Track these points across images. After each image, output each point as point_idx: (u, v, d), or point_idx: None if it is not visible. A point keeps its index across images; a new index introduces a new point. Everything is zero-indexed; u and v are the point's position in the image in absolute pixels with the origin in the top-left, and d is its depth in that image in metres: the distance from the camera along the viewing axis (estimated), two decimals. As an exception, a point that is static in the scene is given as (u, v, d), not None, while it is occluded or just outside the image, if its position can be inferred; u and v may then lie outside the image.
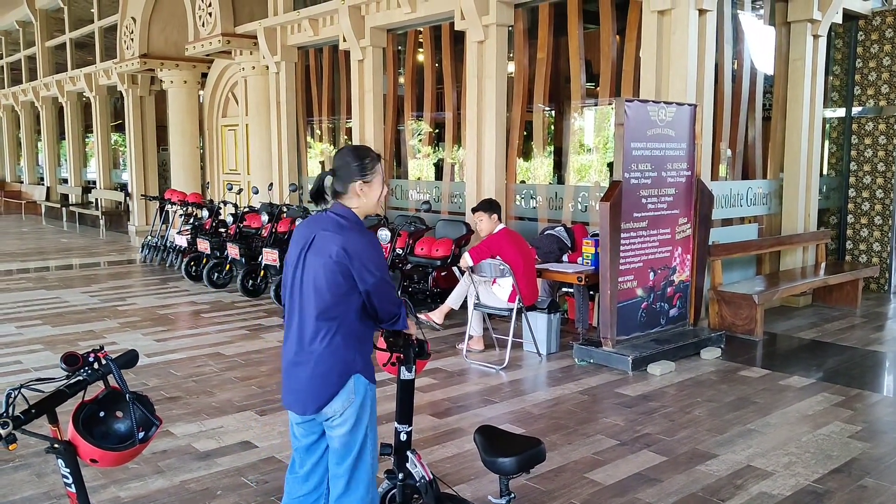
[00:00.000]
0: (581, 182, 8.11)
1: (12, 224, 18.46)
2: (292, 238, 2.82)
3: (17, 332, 7.15)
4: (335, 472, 2.76)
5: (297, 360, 2.69)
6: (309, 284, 2.66)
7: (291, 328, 2.73)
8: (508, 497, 2.78)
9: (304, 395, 2.67)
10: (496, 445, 2.79)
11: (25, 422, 2.12)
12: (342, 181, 2.72)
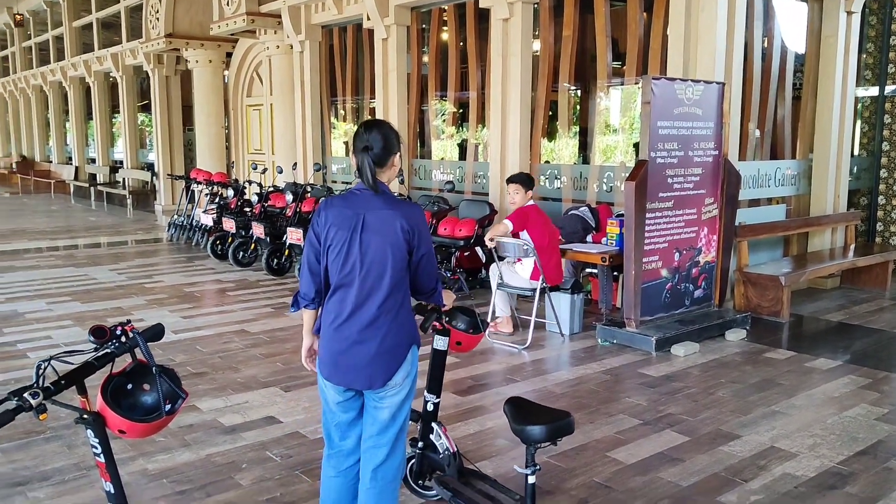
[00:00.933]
0: (606, 162, 8.04)
1: (42, 203, 18.73)
2: (329, 220, 2.70)
3: (48, 307, 7.28)
4: (377, 442, 2.79)
5: (361, 337, 2.68)
6: (376, 263, 2.66)
7: (347, 308, 2.69)
8: (534, 468, 2.80)
9: (371, 370, 2.69)
10: (526, 415, 2.82)
11: (55, 392, 2.17)
12: (387, 153, 2.73)
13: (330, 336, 2.74)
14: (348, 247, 2.67)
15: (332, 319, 2.73)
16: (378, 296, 2.69)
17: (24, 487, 3.60)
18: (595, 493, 3.56)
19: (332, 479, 2.88)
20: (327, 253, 2.71)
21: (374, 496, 2.80)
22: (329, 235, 2.70)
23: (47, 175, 22.06)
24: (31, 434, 4.20)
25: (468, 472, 3.35)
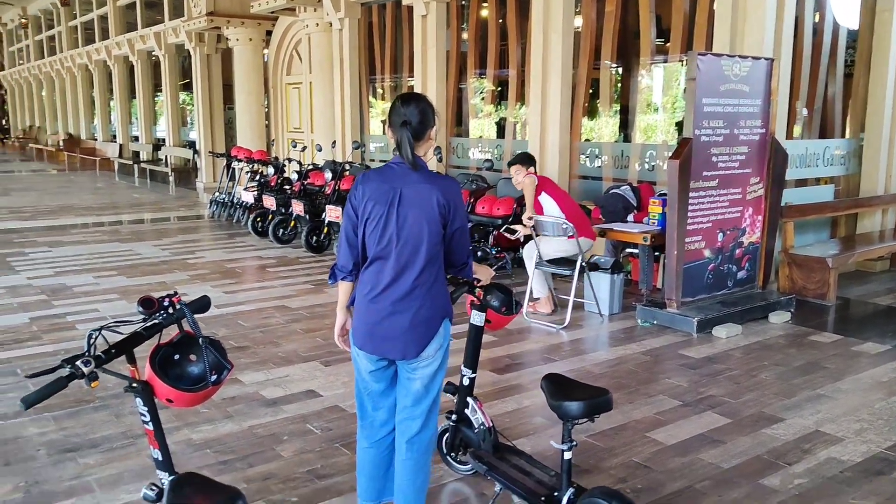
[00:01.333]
0: (648, 141, 7.92)
1: (87, 180, 19.11)
2: (366, 194, 2.71)
3: (94, 281, 7.45)
4: (411, 413, 2.83)
5: (396, 309, 2.71)
6: (412, 237, 2.69)
7: (384, 281, 2.72)
8: (570, 444, 2.80)
9: (404, 340, 2.72)
10: (563, 391, 2.82)
11: (106, 361, 2.21)
12: (425, 127, 2.73)
13: (365, 307, 2.76)
14: (385, 220, 2.69)
15: (368, 291, 2.75)
16: (414, 268, 2.71)
17: (74, 454, 3.70)
18: (634, 472, 3.54)
19: (365, 449, 2.92)
20: (365, 226, 2.72)
21: (410, 467, 2.84)
22: (367, 209, 2.71)
23: (92, 152, 22.48)
24: (80, 403, 4.31)
25: (503, 447, 3.36)
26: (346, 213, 2.78)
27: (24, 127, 32.30)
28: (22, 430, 3.97)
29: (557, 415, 2.78)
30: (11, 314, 6.23)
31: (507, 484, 3.09)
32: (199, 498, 1.94)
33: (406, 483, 2.85)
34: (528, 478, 3.10)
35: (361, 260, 2.78)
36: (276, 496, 3.30)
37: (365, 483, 2.94)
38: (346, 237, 2.77)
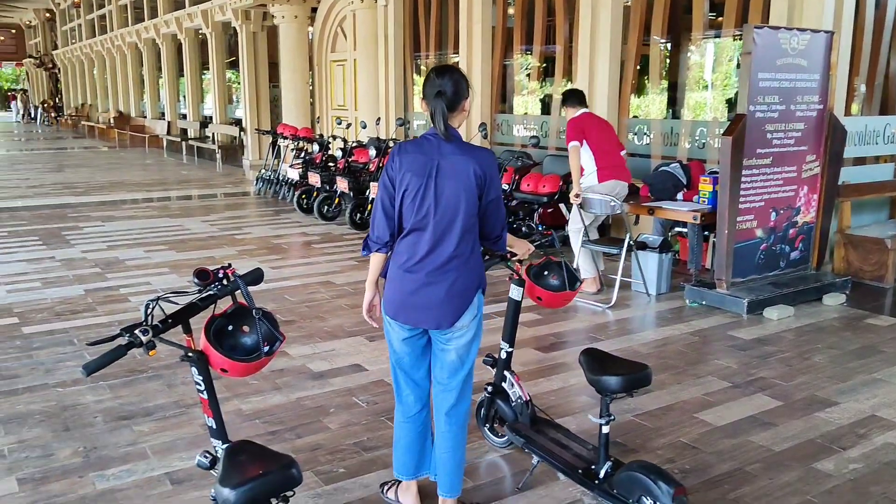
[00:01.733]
0: (698, 118, 7.75)
1: (137, 156, 19.49)
2: (403, 166, 2.72)
3: (146, 255, 7.61)
4: (447, 385, 2.85)
5: (432, 279, 2.72)
6: (450, 208, 2.69)
7: (421, 251, 2.73)
8: (608, 418, 2.82)
9: (439, 310, 2.73)
10: (602, 365, 2.84)
11: (163, 330, 2.25)
12: (459, 98, 2.73)
13: (400, 277, 2.77)
14: (423, 191, 2.69)
15: (405, 261, 2.76)
16: (451, 240, 2.72)
17: (129, 421, 3.80)
18: (682, 453, 3.50)
19: (401, 424, 2.95)
20: (402, 197, 2.73)
21: (449, 439, 2.87)
22: (404, 180, 2.71)
23: (142, 130, 22.91)
24: (134, 372, 4.42)
25: (541, 420, 3.37)
26: (381, 184, 2.78)
27: (77, 105, 33.03)
28: (80, 398, 4.09)
29: (596, 389, 2.81)
30: (67, 286, 6.41)
31: (544, 457, 3.11)
32: (255, 465, 1.97)
33: (447, 455, 2.88)
34: (565, 451, 3.12)
35: (397, 231, 2.78)
36: (324, 466, 3.35)
37: (401, 457, 2.97)
38: (383, 209, 2.77)
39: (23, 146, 23.76)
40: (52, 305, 5.84)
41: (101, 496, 3.11)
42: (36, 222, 9.57)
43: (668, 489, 2.57)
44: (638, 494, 2.68)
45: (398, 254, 2.79)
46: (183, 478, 3.24)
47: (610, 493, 2.81)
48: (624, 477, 2.74)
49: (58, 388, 4.22)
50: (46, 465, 3.37)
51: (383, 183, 2.77)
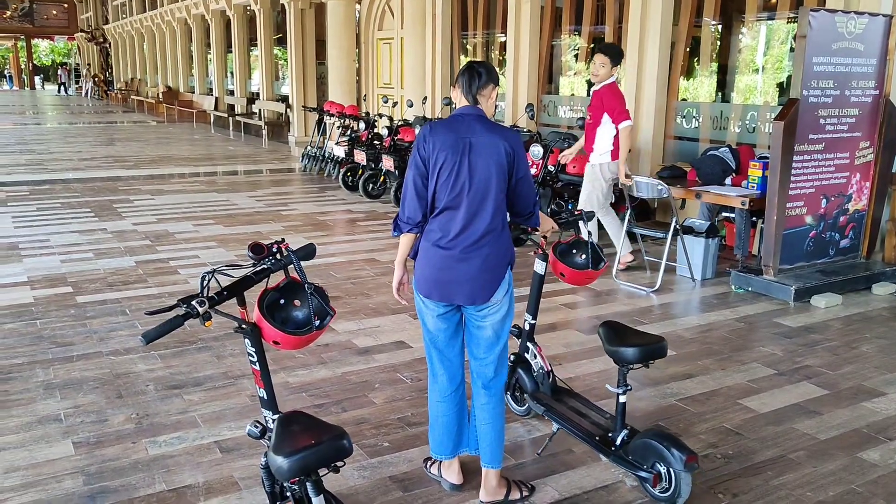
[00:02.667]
0: (749, 101, 7.60)
1: (185, 131, 19.81)
2: (437, 145, 2.75)
3: (194, 229, 7.78)
4: (485, 360, 2.92)
5: (466, 256, 2.77)
6: (482, 186, 2.75)
7: (454, 229, 2.77)
8: (625, 388, 2.96)
9: (474, 285, 2.79)
10: (619, 337, 2.97)
11: (218, 302, 2.32)
12: (490, 79, 2.85)
13: (434, 254, 2.81)
14: (458, 169, 2.74)
15: (438, 239, 2.80)
16: (484, 217, 2.78)
17: (180, 390, 3.92)
18: (725, 438, 3.49)
19: (438, 403, 2.98)
20: (438, 175, 2.76)
21: (490, 410, 2.94)
22: (438, 159, 2.75)
23: (190, 105, 23.26)
24: (184, 343, 4.55)
25: (561, 390, 3.50)
26: (413, 164, 2.82)
27: (127, 79, 33.64)
28: (132, 366, 4.23)
29: (613, 360, 2.95)
30: (119, 257, 6.59)
31: (563, 424, 3.23)
32: (306, 435, 2.03)
33: (487, 427, 2.94)
34: (584, 419, 3.26)
35: (429, 210, 2.81)
36: (369, 440, 3.42)
37: (439, 438, 3.00)
38: (415, 188, 2.80)
39: (75, 119, 24.31)
40: (105, 276, 6.01)
41: (154, 461, 3.22)
42: (88, 194, 9.84)
43: (680, 456, 2.72)
44: (652, 461, 2.84)
45: (431, 232, 2.83)
46: (232, 446, 3.34)
47: (625, 459, 2.95)
48: (639, 444, 2.90)
49: (111, 357, 4.36)
50: (101, 430, 3.50)
51: (415, 163, 2.81)
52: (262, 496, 2.81)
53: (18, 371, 4.14)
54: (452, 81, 2.98)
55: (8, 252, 6.71)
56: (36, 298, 5.41)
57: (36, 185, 10.49)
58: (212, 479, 3.08)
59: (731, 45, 8.39)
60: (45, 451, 3.29)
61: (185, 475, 3.11)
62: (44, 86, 52.92)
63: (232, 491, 3.00)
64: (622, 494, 3.01)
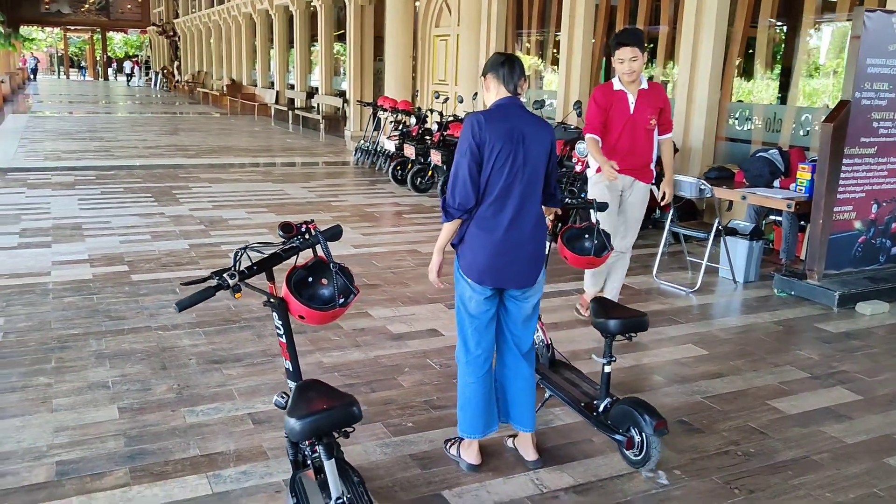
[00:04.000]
0: (804, 104, 7.45)
1: (246, 123, 20.32)
2: (491, 134, 2.83)
3: (247, 216, 8.03)
4: (523, 336, 3.11)
5: (517, 242, 2.92)
6: (533, 173, 2.91)
7: (507, 217, 2.88)
8: (610, 359, 3.25)
9: (526, 270, 2.97)
10: (606, 311, 3.23)
11: (248, 276, 2.46)
12: (523, 72, 2.99)
13: (486, 242, 2.90)
14: (513, 157, 2.85)
15: (491, 226, 2.89)
16: (533, 203, 2.94)
17: (220, 365, 4.10)
18: (748, 437, 3.48)
19: (471, 385, 3.07)
20: (493, 163, 2.85)
21: (529, 376, 3.17)
22: (495, 148, 2.84)
23: (252, 98, 23.82)
24: (228, 322, 4.74)
25: (559, 363, 3.81)
26: (466, 152, 2.87)
27: (194, 72, 34.60)
28: (178, 341, 4.44)
29: (599, 331, 3.22)
30: (174, 240, 6.87)
31: (554, 391, 3.54)
32: (320, 401, 2.14)
33: (526, 394, 3.13)
34: (574, 388, 3.55)
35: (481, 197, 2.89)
36: (393, 419, 3.53)
37: (472, 418, 3.09)
38: (470, 176, 2.86)
39: (143, 109, 25.16)
40: (159, 257, 6.28)
41: (190, 429, 3.40)
42: (150, 180, 10.23)
43: (651, 421, 3.00)
44: (627, 425, 3.12)
45: (483, 219, 2.90)
46: (263, 419, 3.50)
47: (605, 424, 3.24)
48: (616, 411, 3.20)
49: (159, 331, 4.58)
50: (144, 397, 3.70)
51: (469, 150, 2.86)
52: (287, 465, 2.94)
53: (74, 341, 4.39)
54: (482, 72, 3.03)
55: (72, 232, 7.06)
56: (94, 275, 5.70)
57: (102, 171, 10.94)
58: (242, 448, 3.24)
59: (787, 46, 8.24)
60: (92, 414, 3.50)
61: (217, 443, 3.28)
62: (116, 77, 54.82)
63: (260, 459, 3.15)
64: (636, 484, 3.05)
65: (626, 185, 4.82)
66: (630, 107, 4.66)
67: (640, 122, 4.69)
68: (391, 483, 3.01)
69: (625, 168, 4.67)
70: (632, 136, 4.69)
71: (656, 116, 4.74)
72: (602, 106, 4.68)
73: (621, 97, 4.69)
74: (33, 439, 3.26)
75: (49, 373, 3.94)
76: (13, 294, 5.19)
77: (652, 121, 4.72)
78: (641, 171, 4.80)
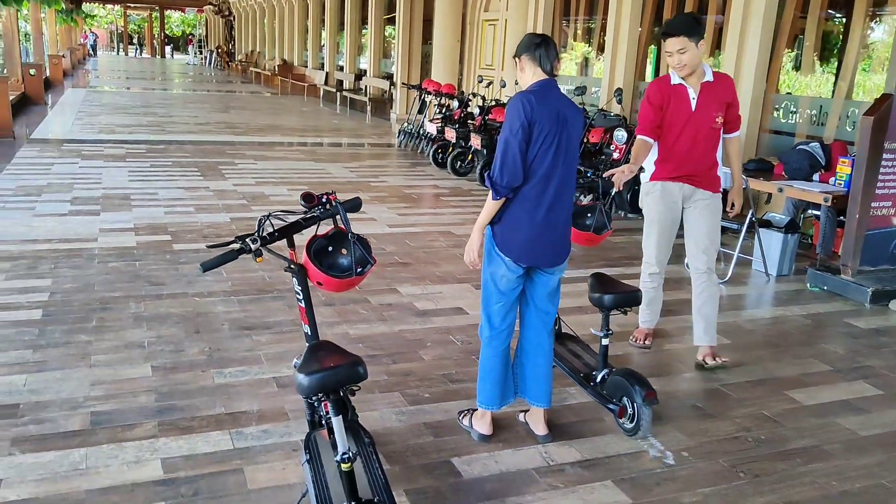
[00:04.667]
0: (851, 97, 7.31)
1: (296, 103, 20.61)
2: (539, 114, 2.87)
3: (288, 193, 8.22)
4: (548, 308, 3.21)
5: (557, 221, 3.02)
6: (572, 154, 3.01)
7: (549, 197, 2.95)
8: (607, 332, 3.46)
9: (561, 248, 3.09)
10: (603, 286, 3.43)
11: (270, 241, 2.59)
12: (557, 53, 3.03)
13: (528, 221, 2.96)
14: (557, 140, 2.92)
15: (534, 207, 2.95)
16: (571, 183, 3.04)
17: (250, 332, 4.27)
18: (760, 424, 3.51)
19: (493, 358, 3.16)
20: (540, 144, 2.90)
21: (549, 352, 3.25)
22: (543, 128, 2.89)
23: (302, 79, 24.13)
24: (261, 292, 4.91)
25: (565, 335, 3.97)
26: (517, 130, 2.88)
27: (247, 51, 35.15)
28: (212, 308, 4.62)
29: (597, 306, 3.43)
30: (216, 213, 7.09)
31: (557, 362, 3.59)
32: (329, 359, 2.26)
33: (545, 369, 3.23)
34: (576, 359, 3.72)
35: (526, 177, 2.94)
36: (412, 390, 3.65)
37: (491, 390, 3.18)
38: (520, 153, 2.88)
39: (196, 87, 25.70)
40: (201, 228, 6.50)
41: (218, 389, 3.56)
42: (198, 155, 10.51)
43: (641, 391, 3.19)
44: (620, 395, 3.31)
45: (526, 199, 2.95)
46: (287, 383, 3.64)
47: (600, 393, 3.44)
48: (611, 381, 3.39)
49: (195, 298, 4.77)
50: (176, 358, 3.88)
51: (521, 127, 2.87)
52: (305, 425, 3.07)
53: (115, 303, 4.61)
54: (515, 53, 3.07)
55: (121, 201, 7.34)
56: (138, 243, 5.94)
57: (153, 145, 11.28)
58: (265, 409, 3.39)
59: (838, 39, 8.07)
60: (127, 371, 3.69)
61: (242, 403, 3.44)
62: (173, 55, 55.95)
63: (281, 420, 3.30)
64: (642, 462, 3.12)
65: (685, 196, 4.09)
66: (692, 103, 3.95)
67: (704, 121, 3.96)
68: (403, 448, 3.12)
69: (682, 174, 4.02)
70: (693, 136, 3.97)
71: (723, 113, 4.01)
72: (656, 104, 3.99)
73: (680, 92, 3.97)
74: (71, 391, 3.46)
75: (90, 331, 4.15)
76: (61, 258, 5.45)
77: (718, 119, 3.99)
78: (703, 178, 4.04)
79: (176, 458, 2.97)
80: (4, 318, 4.29)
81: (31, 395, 3.40)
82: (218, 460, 2.97)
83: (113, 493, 2.73)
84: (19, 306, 4.47)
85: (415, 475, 2.93)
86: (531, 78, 3.00)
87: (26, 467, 2.86)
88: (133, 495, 2.73)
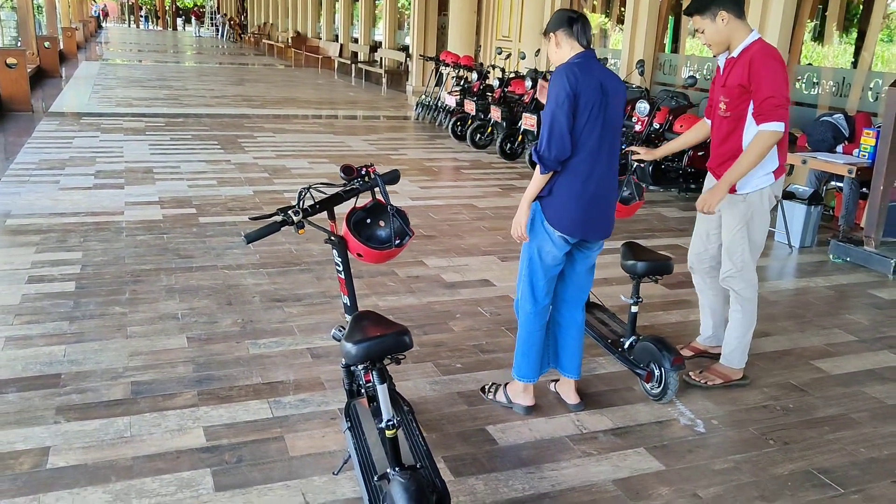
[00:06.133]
0: (875, 68, 7.24)
1: (310, 76, 20.56)
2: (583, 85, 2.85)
3: (309, 166, 8.26)
4: (587, 281, 3.26)
5: (605, 194, 3.04)
6: (617, 126, 3.02)
7: (597, 169, 2.96)
8: (637, 299, 3.52)
9: (608, 222, 3.11)
10: (634, 254, 3.48)
11: (311, 214, 2.63)
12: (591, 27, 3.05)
13: (579, 194, 2.96)
14: (602, 111, 2.93)
15: (584, 179, 2.96)
16: (615, 155, 3.05)
17: (281, 304, 4.34)
18: (788, 393, 3.55)
19: (536, 332, 3.20)
20: (587, 116, 2.89)
21: (582, 326, 3.32)
22: (589, 100, 2.89)
23: (316, 51, 24.04)
24: (289, 265, 4.98)
25: (592, 304, 4.01)
26: (563, 102, 2.85)
27: (260, 24, 34.98)
28: (242, 280, 4.69)
29: (628, 273, 3.48)
30: (239, 187, 7.14)
31: (586, 329, 3.58)
32: (375, 328, 2.31)
33: (577, 343, 3.29)
34: (604, 327, 3.82)
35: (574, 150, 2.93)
36: (443, 360, 3.71)
37: (533, 363, 3.22)
38: (568, 125, 2.87)
39: (210, 60, 25.65)
40: (226, 202, 6.56)
41: (253, 359, 3.64)
42: (216, 129, 10.55)
43: (669, 356, 3.24)
44: (648, 360, 3.37)
45: (576, 173, 2.94)
46: (321, 353, 3.72)
47: (627, 359, 3.50)
48: (639, 347, 3.45)
49: (225, 270, 4.84)
50: (211, 329, 3.95)
51: (568, 100, 2.85)
52: (342, 395, 3.15)
53: (146, 276, 4.68)
54: (548, 29, 3.04)
55: (144, 175, 7.40)
56: (164, 216, 6.00)
57: (171, 118, 11.32)
58: (301, 378, 3.47)
59: (859, 9, 7.98)
60: (163, 342, 3.77)
61: (278, 373, 3.51)
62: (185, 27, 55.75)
63: (317, 389, 3.37)
64: (673, 430, 3.17)
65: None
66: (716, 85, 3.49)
67: (714, 107, 3.46)
68: (439, 417, 3.19)
69: (709, 165, 3.56)
70: (714, 123, 3.50)
71: (732, 99, 3.29)
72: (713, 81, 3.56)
73: (717, 70, 3.52)
74: (110, 361, 3.55)
75: (124, 303, 4.23)
76: (90, 231, 5.52)
77: (721, 104, 3.36)
78: (720, 174, 3.41)
79: (217, 426, 3.05)
80: (39, 290, 4.37)
81: (71, 366, 3.49)
82: (258, 428, 3.05)
83: (159, 460, 2.81)
84: (53, 279, 4.56)
85: (451, 442, 3.00)
86: (569, 52, 2.98)
87: (72, 434, 2.95)
88: (178, 462, 2.81)
